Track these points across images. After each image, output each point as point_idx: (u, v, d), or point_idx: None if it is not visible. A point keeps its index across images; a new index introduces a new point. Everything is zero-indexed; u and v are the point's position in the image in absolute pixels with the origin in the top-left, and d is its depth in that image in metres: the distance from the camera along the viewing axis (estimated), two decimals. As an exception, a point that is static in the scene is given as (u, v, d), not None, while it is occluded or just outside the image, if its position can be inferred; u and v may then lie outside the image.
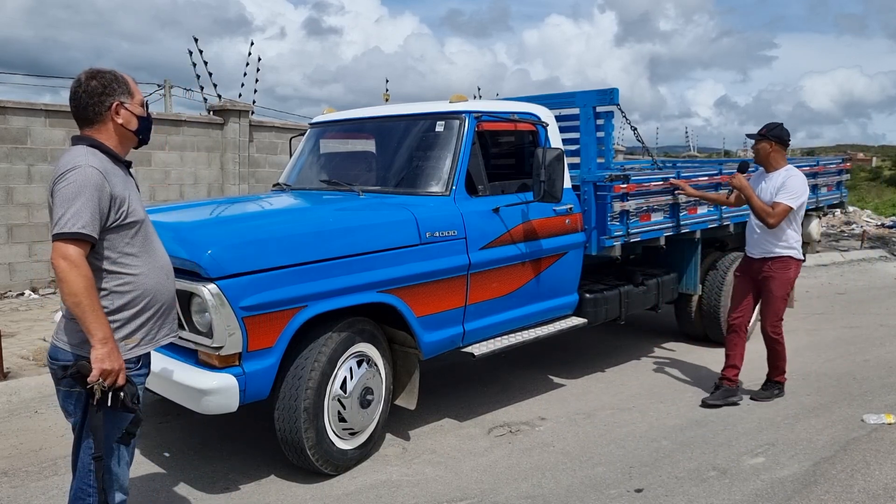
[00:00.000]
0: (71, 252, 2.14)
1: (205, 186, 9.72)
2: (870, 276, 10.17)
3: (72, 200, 2.15)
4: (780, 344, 4.64)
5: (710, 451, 3.91)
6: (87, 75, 2.34)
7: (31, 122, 7.89)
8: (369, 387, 3.66)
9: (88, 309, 2.14)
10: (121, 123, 2.35)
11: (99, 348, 2.16)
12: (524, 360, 5.59)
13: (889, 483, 3.49)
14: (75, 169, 2.19)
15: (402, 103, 5.04)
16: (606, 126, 5.38)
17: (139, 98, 2.43)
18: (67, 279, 2.13)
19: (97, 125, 2.34)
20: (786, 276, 4.50)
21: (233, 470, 3.67)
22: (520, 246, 4.31)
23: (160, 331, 2.44)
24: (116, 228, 2.28)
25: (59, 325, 2.35)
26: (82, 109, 2.33)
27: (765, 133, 4.51)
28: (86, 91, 2.31)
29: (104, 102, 2.32)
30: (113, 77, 2.35)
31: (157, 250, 2.45)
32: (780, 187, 4.39)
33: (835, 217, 16.69)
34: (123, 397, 2.23)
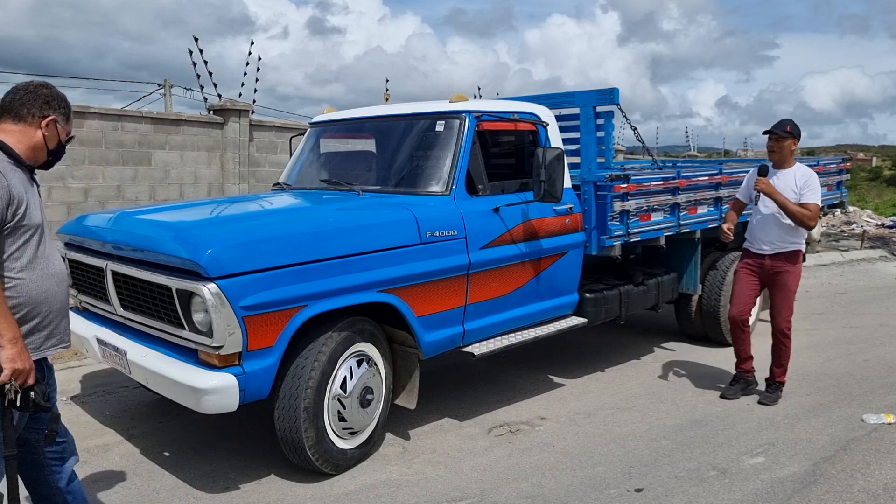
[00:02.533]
0: None
1: (205, 186, 9.72)
2: (870, 276, 10.17)
3: None
4: (790, 340, 4.65)
5: (709, 450, 3.91)
6: (42, 83, 2.40)
7: (31, 122, 7.88)
8: (369, 386, 3.66)
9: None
10: (45, 135, 2.37)
11: (9, 348, 2.14)
12: (524, 360, 5.59)
13: (889, 483, 3.49)
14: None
15: (402, 103, 5.04)
16: (606, 126, 5.38)
17: (69, 129, 2.47)
18: None
19: (22, 123, 2.34)
20: (798, 268, 4.54)
21: (233, 469, 3.67)
22: (520, 245, 4.31)
23: (47, 341, 2.37)
24: (12, 231, 2.24)
25: None
26: (17, 103, 2.34)
27: (790, 130, 4.47)
28: (31, 92, 2.36)
29: (42, 110, 2.36)
30: (62, 99, 2.42)
31: (50, 258, 2.38)
32: (803, 186, 4.40)
33: (835, 217, 16.69)
34: (35, 397, 2.22)
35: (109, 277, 3.67)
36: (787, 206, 4.36)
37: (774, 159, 4.55)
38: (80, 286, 4.10)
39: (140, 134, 8.92)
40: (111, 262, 3.66)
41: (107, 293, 3.74)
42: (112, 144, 8.65)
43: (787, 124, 4.48)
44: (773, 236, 4.52)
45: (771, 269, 4.55)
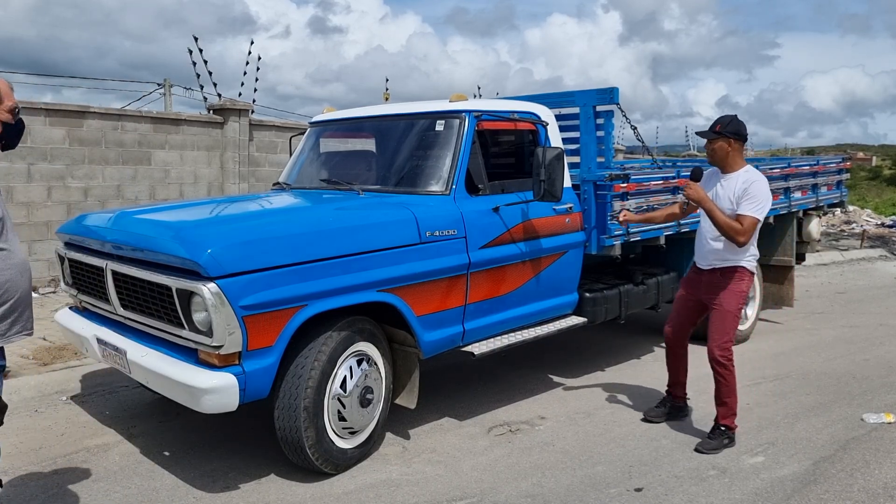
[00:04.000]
0: None
1: (205, 185, 9.72)
2: (870, 275, 10.18)
3: None
4: (729, 372, 3.89)
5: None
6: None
7: (31, 122, 7.89)
8: (369, 386, 3.66)
9: None
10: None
11: None
12: (524, 360, 5.59)
13: (889, 482, 3.49)
14: None
15: (402, 102, 5.04)
16: (606, 125, 5.38)
17: (9, 104, 2.44)
18: None
19: None
20: (738, 287, 3.88)
21: (233, 469, 3.67)
22: (520, 245, 4.31)
23: (12, 328, 2.42)
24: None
25: None
26: None
27: (720, 130, 3.86)
28: None
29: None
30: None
31: (11, 249, 2.43)
32: (742, 195, 3.75)
33: (835, 216, 16.70)
34: None
35: (109, 277, 3.67)
36: (715, 215, 3.74)
37: (713, 163, 3.98)
38: (80, 286, 4.10)
39: (140, 134, 8.92)
40: (111, 261, 3.66)
41: (107, 293, 3.74)
42: (112, 144, 8.65)
43: (718, 124, 3.89)
44: (708, 251, 3.95)
45: (707, 287, 3.97)
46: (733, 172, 3.88)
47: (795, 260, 6.98)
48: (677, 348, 4.27)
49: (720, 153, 3.89)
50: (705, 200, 3.80)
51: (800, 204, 6.83)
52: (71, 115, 8.23)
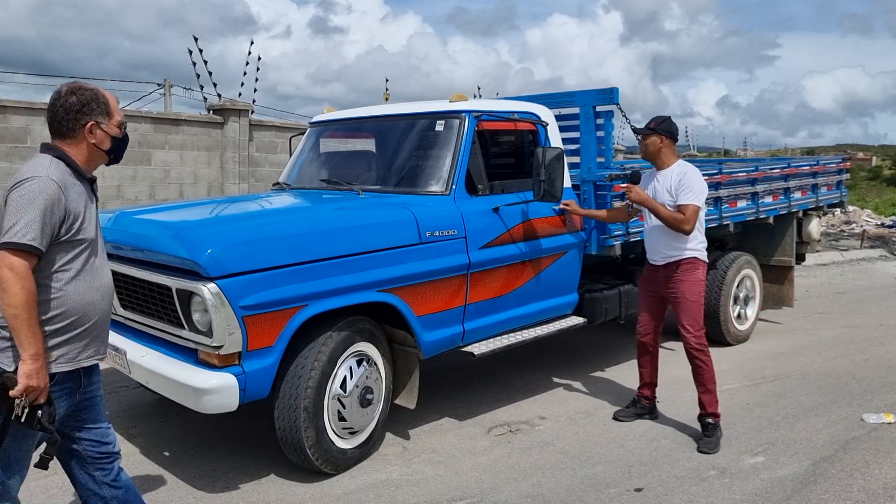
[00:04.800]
0: (17, 263, 2.11)
1: (204, 185, 9.72)
2: (870, 275, 10.18)
3: (25, 210, 2.13)
4: (708, 357, 4.03)
5: (709, 450, 3.91)
6: (68, 90, 2.32)
7: (31, 122, 7.89)
8: (369, 386, 3.66)
9: (26, 323, 2.12)
10: (93, 143, 2.34)
11: (29, 364, 2.13)
12: (524, 360, 5.59)
13: (889, 482, 3.49)
14: (34, 179, 2.18)
15: (402, 102, 5.04)
16: (606, 125, 5.38)
17: (118, 119, 2.41)
18: (11, 290, 2.10)
19: (69, 140, 2.33)
20: (696, 277, 4.04)
21: (233, 469, 3.67)
22: (520, 245, 4.31)
23: (83, 352, 2.36)
24: (64, 244, 2.25)
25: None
26: (57, 122, 2.32)
27: (654, 127, 4.05)
28: (63, 106, 2.31)
29: (79, 120, 2.31)
30: (93, 96, 2.34)
31: (99, 270, 2.39)
32: (677, 186, 3.95)
33: (835, 216, 16.70)
34: (41, 416, 2.18)
35: (109, 277, 3.67)
36: (659, 211, 3.95)
37: (648, 160, 4.20)
38: (79, 286, 4.10)
39: (140, 134, 8.92)
40: (111, 261, 3.65)
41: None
42: (112, 144, 8.64)
43: (652, 121, 4.10)
44: (660, 245, 4.10)
45: (664, 280, 4.11)
46: (667, 168, 4.09)
47: (795, 260, 6.98)
48: (650, 348, 4.35)
49: (652, 148, 4.09)
50: (648, 200, 4.02)
51: (800, 204, 6.83)
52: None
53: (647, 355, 4.37)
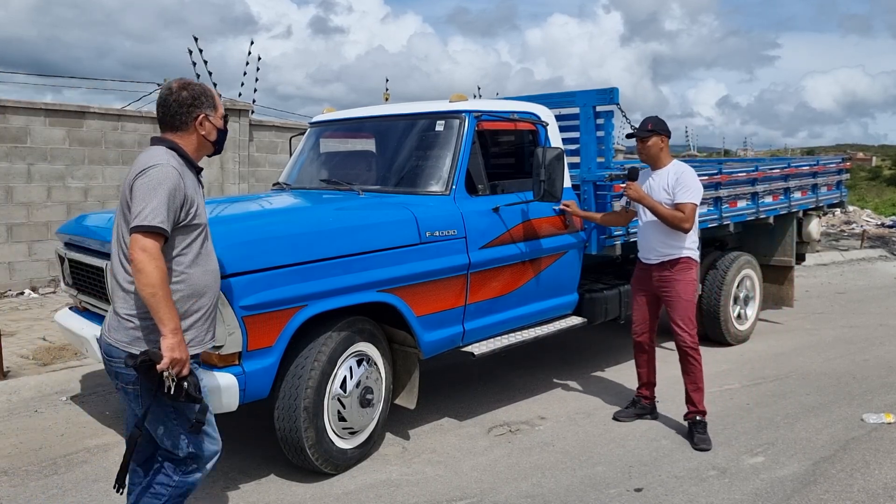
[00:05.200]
0: (149, 245, 2.25)
1: (204, 186, 9.72)
2: (870, 275, 10.18)
3: (151, 196, 2.27)
4: (699, 356, 4.10)
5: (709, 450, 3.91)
6: (179, 85, 2.47)
7: (30, 122, 7.89)
8: (369, 386, 3.66)
9: (163, 300, 2.25)
10: (203, 134, 2.50)
11: (170, 338, 2.27)
12: (524, 360, 5.59)
13: (889, 482, 3.49)
14: (156, 166, 2.32)
15: (402, 102, 5.04)
16: (606, 125, 5.38)
17: (221, 111, 2.57)
18: (146, 270, 2.23)
19: (181, 132, 2.48)
20: (689, 277, 4.07)
21: (232, 469, 3.67)
22: (520, 245, 4.31)
23: (206, 334, 2.54)
24: (182, 228, 2.39)
25: (109, 324, 2.44)
26: (170, 116, 2.47)
27: (653, 128, 4.08)
28: (176, 100, 2.45)
29: (191, 113, 2.47)
30: (202, 90, 2.50)
31: (210, 254, 2.53)
32: (675, 185, 3.98)
33: (835, 217, 16.70)
34: (187, 387, 2.33)
35: (109, 277, 3.67)
36: (658, 209, 3.96)
37: (646, 161, 4.20)
38: (80, 286, 4.10)
39: (140, 134, 8.92)
40: (111, 261, 3.65)
41: (107, 293, 3.74)
42: (112, 144, 8.65)
43: (649, 122, 4.11)
44: (655, 243, 4.11)
45: (658, 279, 4.13)
46: (663, 168, 4.11)
47: (795, 260, 6.98)
48: (647, 347, 4.37)
49: (654, 149, 4.10)
50: (646, 198, 4.02)
51: (800, 204, 6.83)
52: (71, 115, 8.23)
53: (644, 355, 4.39)
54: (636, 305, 4.36)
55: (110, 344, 2.40)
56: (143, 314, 2.35)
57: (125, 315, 2.37)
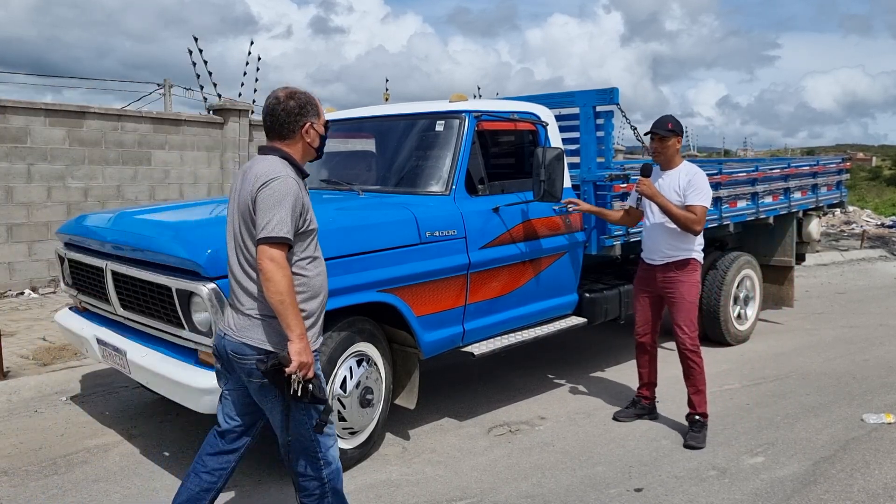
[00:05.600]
0: (277, 254, 2.35)
1: (205, 186, 9.72)
2: (870, 275, 10.18)
3: (276, 207, 2.36)
4: (701, 359, 4.07)
5: (709, 450, 3.91)
6: (286, 95, 2.54)
7: (30, 122, 7.90)
8: (369, 386, 3.66)
9: (290, 306, 2.36)
10: (308, 141, 2.58)
11: (297, 342, 2.37)
12: (524, 360, 5.59)
13: (889, 482, 3.49)
14: (278, 178, 2.41)
15: (402, 103, 5.04)
16: (606, 125, 5.38)
17: (324, 118, 2.65)
18: (274, 279, 2.33)
19: (288, 140, 2.56)
20: (694, 278, 4.07)
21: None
22: (520, 245, 4.31)
23: (320, 335, 2.63)
24: (301, 235, 2.49)
25: (238, 323, 2.51)
26: (278, 125, 2.54)
27: (673, 128, 4.03)
28: (284, 110, 2.52)
29: (298, 122, 2.54)
30: (307, 99, 2.57)
31: (321, 257, 2.64)
32: (686, 187, 3.96)
33: (835, 217, 16.70)
34: (313, 389, 2.42)
35: (109, 277, 3.67)
36: (670, 208, 3.92)
37: (660, 161, 4.13)
38: (80, 286, 4.10)
39: (140, 134, 8.93)
40: (111, 261, 3.66)
41: (107, 293, 3.74)
42: (112, 144, 8.65)
43: (669, 122, 4.05)
44: (661, 244, 4.08)
45: (662, 280, 4.10)
46: (674, 168, 4.08)
47: (795, 260, 6.98)
48: (649, 348, 4.35)
49: (672, 150, 4.07)
50: (658, 195, 3.97)
51: (800, 204, 6.83)
52: (71, 115, 8.24)
53: (646, 355, 4.37)
54: (639, 306, 4.33)
55: (243, 343, 2.48)
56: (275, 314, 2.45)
57: (258, 315, 2.47)
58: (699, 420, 4.05)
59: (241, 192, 2.48)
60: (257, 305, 2.47)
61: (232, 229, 2.54)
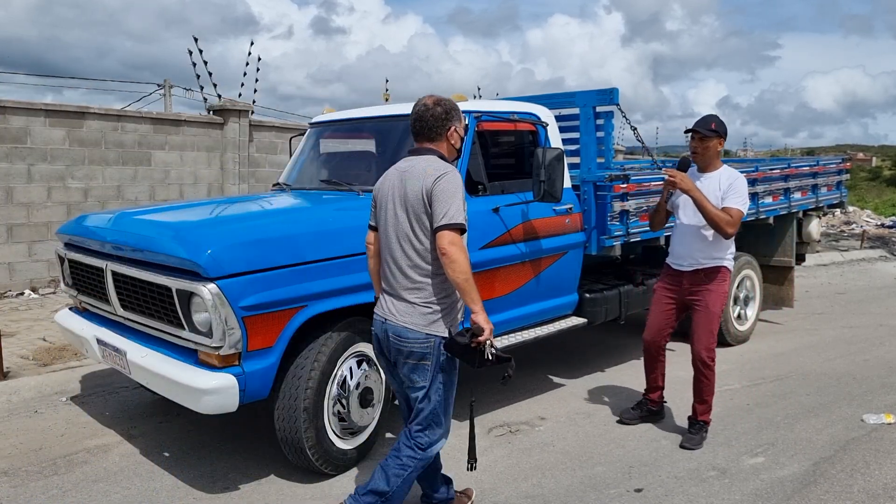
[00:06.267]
0: (457, 239, 2.64)
1: (205, 186, 9.72)
2: (870, 275, 10.18)
3: (453, 197, 2.65)
4: (713, 373, 3.95)
5: (709, 450, 3.90)
6: (434, 102, 2.83)
7: (30, 122, 7.90)
8: (369, 387, 3.66)
9: (472, 283, 2.67)
10: (452, 143, 2.88)
11: (481, 314, 2.71)
12: (524, 360, 5.59)
13: (889, 483, 3.49)
14: (449, 172, 2.71)
15: (402, 103, 5.04)
16: (606, 126, 5.38)
17: (464, 122, 3.01)
18: (459, 260, 2.62)
19: (436, 141, 2.85)
20: (722, 288, 3.93)
21: (232, 469, 3.67)
22: (519, 246, 4.30)
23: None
24: None
25: (399, 310, 2.77)
26: (427, 129, 2.83)
27: (716, 128, 3.86)
28: (432, 115, 2.81)
29: (445, 126, 2.83)
30: (452, 105, 2.87)
31: None
32: (727, 190, 3.81)
33: (835, 217, 16.70)
34: (496, 351, 2.71)
35: (109, 277, 3.67)
36: (706, 206, 3.73)
37: (698, 161, 3.95)
38: (80, 286, 4.10)
39: (140, 134, 8.93)
40: (111, 262, 3.66)
41: (107, 293, 3.74)
42: (112, 145, 8.65)
43: (713, 121, 3.87)
44: (693, 250, 3.92)
45: (689, 288, 3.96)
46: (713, 171, 3.93)
47: (795, 260, 6.98)
48: (657, 353, 4.22)
49: (713, 151, 3.91)
50: (695, 190, 3.79)
51: (800, 204, 6.83)
52: (71, 115, 8.24)
53: (656, 361, 4.24)
54: (657, 310, 4.15)
55: (406, 327, 2.74)
56: (439, 300, 2.76)
57: (422, 303, 2.74)
58: (698, 423, 4.02)
59: (407, 189, 2.73)
60: (421, 294, 2.75)
61: (393, 225, 2.79)
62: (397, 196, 2.78)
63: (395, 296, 2.81)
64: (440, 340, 2.75)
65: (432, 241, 2.70)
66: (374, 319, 2.90)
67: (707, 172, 3.94)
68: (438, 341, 2.75)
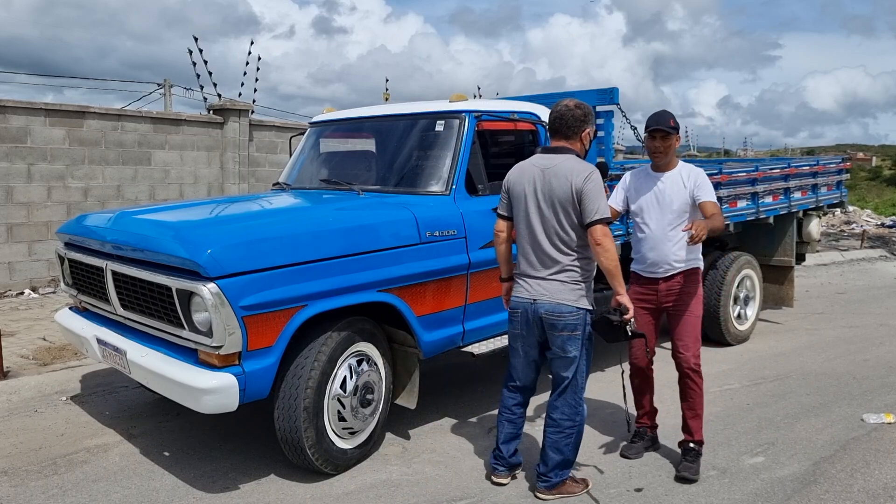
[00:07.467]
0: (608, 231, 3.06)
1: (204, 186, 9.72)
2: (870, 275, 10.18)
3: (601, 195, 3.07)
4: (700, 380, 3.72)
5: (709, 450, 3.90)
6: (574, 104, 3.23)
7: (30, 122, 7.90)
8: (369, 386, 3.66)
9: (619, 268, 3.08)
10: (584, 143, 3.26)
11: (625, 295, 3.14)
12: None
13: (889, 482, 3.49)
14: (595, 172, 3.10)
15: (402, 102, 5.04)
16: (606, 125, 5.38)
17: (594, 128, 3.39)
18: (611, 249, 3.04)
19: (571, 140, 3.23)
20: (699, 290, 3.76)
21: (233, 469, 3.67)
22: (520, 245, 4.30)
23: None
24: None
25: (550, 290, 3.17)
26: (566, 128, 3.21)
27: (675, 125, 3.64)
28: (573, 116, 3.20)
29: (581, 127, 3.22)
30: (589, 109, 3.27)
31: None
32: (694, 187, 3.58)
33: (835, 217, 16.70)
34: (634, 326, 3.21)
35: (109, 277, 3.67)
36: (714, 226, 3.50)
37: (660, 161, 3.67)
38: (80, 286, 4.10)
39: (140, 134, 8.93)
40: (111, 261, 3.66)
41: (107, 293, 3.74)
42: (112, 144, 8.65)
43: (670, 118, 3.63)
44: (668, 255, 3.65)
45: (667, 293, 3.71)
46: (672, 170, 3.68)
47: (795, 260, 6.98)
48: (647, 372, 3.96)
49: (672, 150, 3.67)
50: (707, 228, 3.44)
51: (800, 204, 6.84)
52: (71, 115, 8.24)
53: (645, 380, 3.98)
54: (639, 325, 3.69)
55: (560, 303, 3.14)
56: (584, 279, 3.18)
57: (571, 282, 3.16)
58: (694, 449, 3.67)
59: (553, 186, 3.11)
60: (569, 275, 3.16)
61: (538, 218, 3.17)
62: (539, 192, 3.15)
63: (544, 279, 3.19)
64: (586, 313, 3.17)
65: (577, 232, 3.11)
66: (519, 301, 3.28)
67: (666, 172, 3.68)
68: (584, 314, 3.17)
